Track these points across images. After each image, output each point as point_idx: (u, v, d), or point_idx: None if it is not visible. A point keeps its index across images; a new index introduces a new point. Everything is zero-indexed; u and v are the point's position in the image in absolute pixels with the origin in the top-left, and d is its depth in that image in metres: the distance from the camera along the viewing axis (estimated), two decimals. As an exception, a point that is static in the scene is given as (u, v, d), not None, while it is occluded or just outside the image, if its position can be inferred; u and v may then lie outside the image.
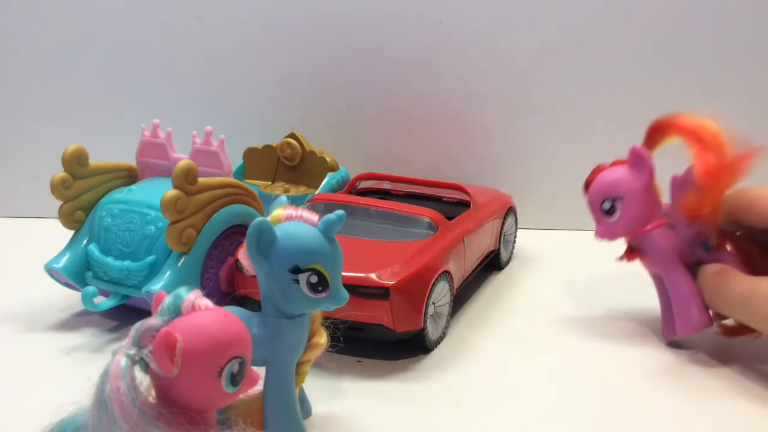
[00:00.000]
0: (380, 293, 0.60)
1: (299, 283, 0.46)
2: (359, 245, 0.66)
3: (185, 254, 0.65)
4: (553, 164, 1.01)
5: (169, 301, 0.40)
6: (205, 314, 0.40)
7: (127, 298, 0.67)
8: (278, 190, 0.92)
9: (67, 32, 0.98)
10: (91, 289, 0.65)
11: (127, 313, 0.70)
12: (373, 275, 0.61)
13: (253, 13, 0.97)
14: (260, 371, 0.45)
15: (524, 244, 0.94)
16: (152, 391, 0.39)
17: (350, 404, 0.57)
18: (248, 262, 0.47)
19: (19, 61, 0.99)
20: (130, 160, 0.75)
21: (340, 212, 0.47)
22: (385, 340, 0.64)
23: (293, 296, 0.47)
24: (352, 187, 0.87)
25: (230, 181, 0.69)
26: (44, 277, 0.70)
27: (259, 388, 0.45)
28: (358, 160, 0.97)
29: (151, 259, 0.65)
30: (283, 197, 0.51)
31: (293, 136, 0.93)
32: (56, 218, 0.70)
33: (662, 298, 0.68)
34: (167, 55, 0.99)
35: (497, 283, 0.84)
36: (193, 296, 0.40)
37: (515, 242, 0.92)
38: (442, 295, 0.67)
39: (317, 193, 0.89)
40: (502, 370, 0.64)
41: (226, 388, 0.39)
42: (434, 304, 0.66)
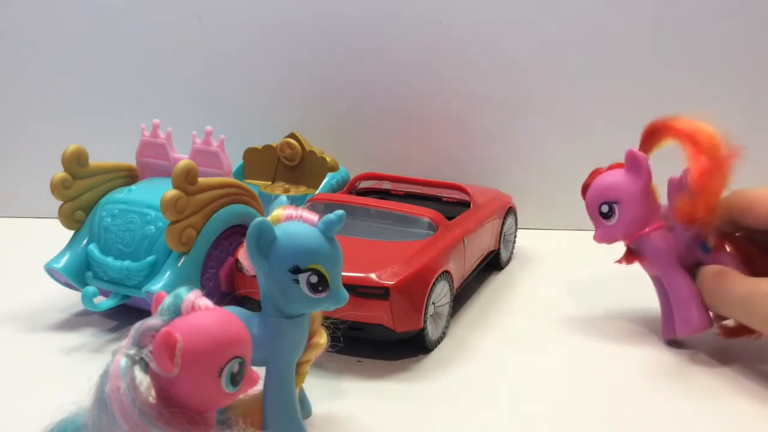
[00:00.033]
0: (380, 293, 0.60)
1: (299, 283, 0.46)
2: (359, 245, 0.66)
3: (185, 254, 0.65)
4: (553, 164, 1.01)
5: (169, 301, 0.40)
6: (205, 314, 0.40)
7: (127, 298, 0.67)
8: (278, 190, 0.92)
9: (67, 32, 0.98)
10: (91, 289, 0.65)
11: (127, 313, 0.70)
12: (373, 275, 0.61)
13: (253, 13, 0.97)
14: (260, 371, 0.45)
15: (524, 244, 0.94)
16: (152, 391, 0.39)
17: (350, 404, 0.57)
18: (248, 262, 0.48)
19: (19, 61, 0.99)
20: (130, 160, 0.75)
21: (340, 212, 0.47)
22: (385, 340, 0.64)
23: (293, 296, 0.47)
24: (352, 187, 0.87)
25: (230, 181, 0.69)
26: (44, 277, 0.70)
27: (259, 388, 0.45)
28: (358, 160, 0.97)
29: (151, 259, 0.65)
30: (283, 197, 0.51)
31: (293, 136, 0.93)
32: (56, 218, 0.70)
33: (662, 299, 0.68)
34: (167, 55, 0.99)
35: (497, 283, 0.84)
36: (193, 296, 0.40)
37: (515, 242, 0.92)
38: (442, 295, 0.67)
39: (317, 193, 0.89)
40: (502, 370, 0.64)
41: (226, 388, 0.39)
42: (434, 304, 0.66)
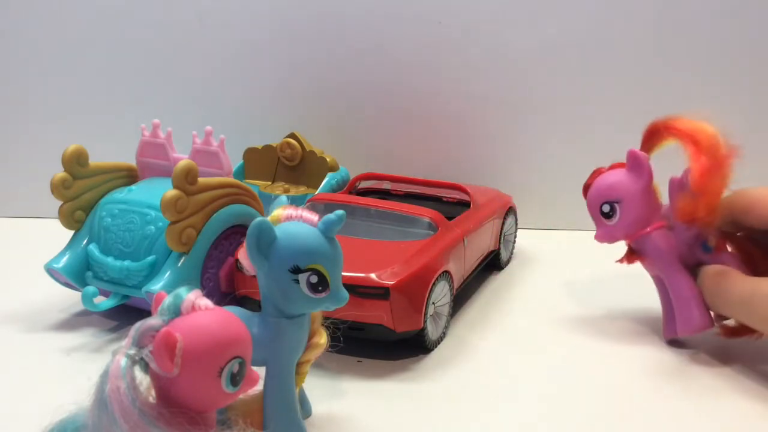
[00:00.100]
0: (380, 293, 0.60)
1: (299, 283, 0.46)
2: (359, 245, 0.66)
3: (185, 254, 0.65)
4: (553, 164, 1.01)
5: (169, 301, 0.40)
6: (205, 314, 0.40)
7: (127, 298, 0.67)
8: (278, 190, 0.92)
9: (67, 32, 0.98)
10: (91, 289, 0.65)
11: (127, 313, 0.70)
12: (373, 275, 0.61)
13: (253, 13, 0.97)
14: (260, 371, 0.44)
15: (524, 244, 0.94)
16: (152, 391, 0.39)
17: (350, 404, 0.57)
18: (248, 262, 0.47)
19: (19, 61, 0.99)
20: (130, 160, 0.75)
21: (340, 212, 0.47)
22: (385, 340, 0.64)
23: (293, 296, 0.47)
24: (352, 187, 0.87)
25: (230, 181, 0.69)
26: (44, 277, 0.70)
27: (259, 388, 0.45)
28: (358, 160, 0.97)
29: (151, 259, 0.65)
30: (283, 197, 0.51)
31: (293, 136, 0.93)
32: (56, 218, 0.70)
33: (663, 298, 0.68)
34: (167, 55, 0.99)
35: (497, 283, 0.84)
36: (193, 296, 0.40)
37: (515, 242, 0.92)
38: (442, 295, 0.67)
39: (317, 193, 0.89)
40: (502, 370, 0.64)
41: (226, 388, 0.39)
42: (434, 304, 0.66)
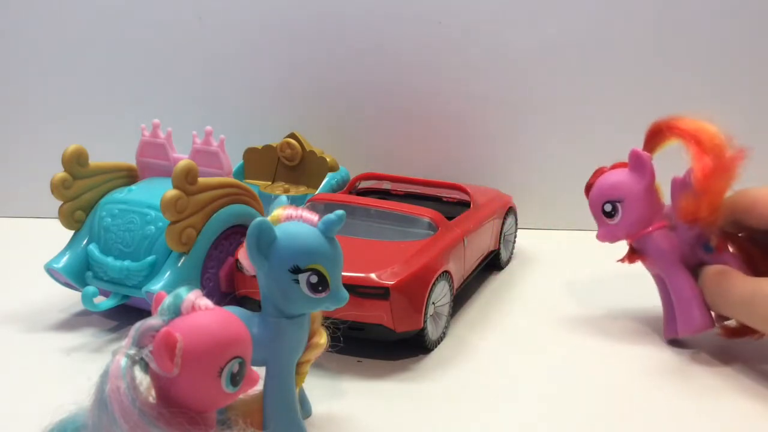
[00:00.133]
0: (380, 293, 0.60)
1: (299, 283, 0.46)
2: (359, 245, 0.66)
3: (185, 254, 0.65)
4: (553, 164, 1.01)
5: (169, 301, 0.40)
6: (205, 314, 0.40)
7: (127, 298, 0.67)
8: (278, 190, 0.92)
9: (67, 32, 0.98)
10: (91, 289, 0.65)
11: (127, 313, 0.70)
12: (373, 275, 0.61)
13: (253, 13, 0.97)
14: (260, 371, 0.44)
15: (524, 244, 0.94)
16: (152, 391, 0.39)
17: (350, 404, 0.57)
18: (248, 262, 0.47)
19: (19, 61, 0.99)
20: (130, 160, 0.75)
21: (340, 212, 0.47)
22: (385, 340, 0.64)
23: (293, 296, 0.47)
24: (352, 187, 0.87)
25: (230, 181, 0.69)
26: (44, 277, 0.70)
27: (259, 388, 0.45)
28: (358, 160, 0.97)
29: (151, 259, 0.65)
30: (283, 197, 0.51)
31: (293, 136, 0.93)
32: (56, 218, 0.70)
33: (664, 298, 0.68)
34: (167, 55, 0.99)
35: (497, 283, 0.84)
36: (193, 296, 0.40)
37: (515, 242, 0.92)
38: (442, 295, 0.67)
39: (317, 193, 0.89)
40: (502, 370, 0.64)
41: (226, 388, 0.39)
42: (434, 304, 0.66)
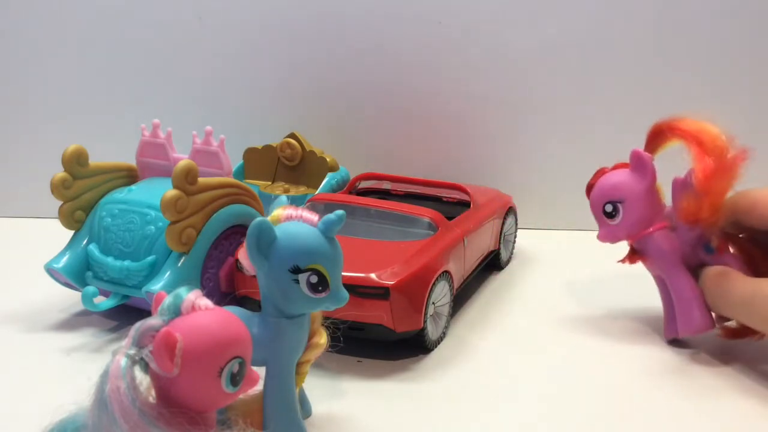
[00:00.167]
0: (380, 293, 0.60)
1: (299, 283, 0.46)
2: (359, 245, 0.66)
3: (185, 254, 0.65)
4: (553, 164, 1.01)
5: (169, 301, 0.40)
6: (205, 314, 0.40)
7: (127, 298, 0.67)
8: (278, 190, 0.92)
9: (67, 32, 0.98)
10: (91, 289, 0.65)
11: (127, 313, 0.70)
12: (373, 275, 0.61)
13: (253, 13, 0.97)
14: (260, 371, 0.44)
15: (524, 244, 0.94)
16: (152, 391, 0.39)
17: (350, 404, 0.57)
18: (248, 262, 0.47)
19: (19, 61, 0.99)
20: (130, 160, 0.75)
21: (340, 212, 0.47)
22: (385, 340, 0.64)
23: (293, 296, 0.47)
24: (352, 187, 0.87)
25: (230, 181, 0.69)
26: (44, 277, 0.70)
27: (259, 388, 0.45)
28: (358, 160, 0.97)
29: (151, 259, 0.65)
30: (283, 197, 0.51)
31: (293, 136, 0.93)
32: (56, 218, 0.70)
33: (665, 299, 0.68)
34: (167, 55, 0.99)
35: (497, 283, 0.84)
36: (193, 296, 0.40)
37: (515, 242, 0.92)
38: (442, 295, 0.67)
39: (317, 193, 0.89)
40: (502, 370, 0.64)
41: (226, 388, 0.39)
42: (434, 304, 0.66)
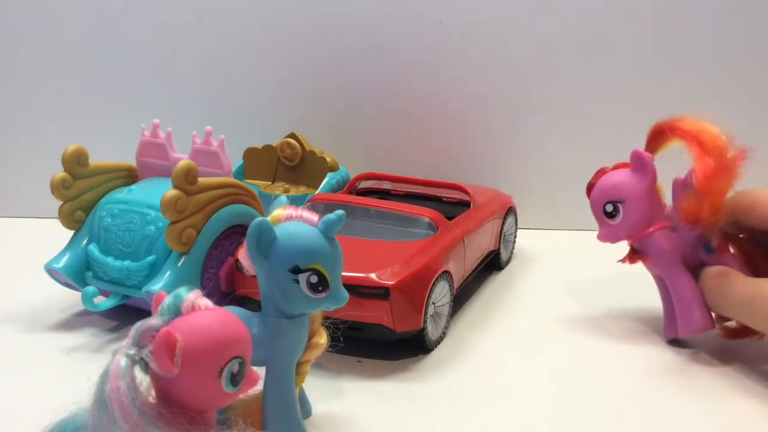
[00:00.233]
0: (380, 293, 0.60)
1: (299, 283, 0.46)
2: (359, 245, 0.66)
3: (185, 254, 0.65)
4: (553, 164, 1.01)
5: (169, 301, 0.40)
6: (205, 314, 0.40)
7: (127, 298, 0.67)
8: (278, 190, 0.92)
9: (67, 32, 0.98)
10: (91, 289, 0.65)
11: (127, 313, 0.70)
12: (373, 275, 0.61)
13: (253, 13, 0.97)
14: (260, 371, 0.44)
15: (524, 244, 0.94)
16: (152, 391, 0.39)
17: (350, 404, 0.57)
18: (248, 262, 0.47)
19: (19, 61, 0.99)
20: (130, 160, 0.75)
21: (340, 212, 0.47)
22: (385, 340, 0.64)
23: (293, 296, 0.47)
24: (352, 187, 0.87)
25: (230, 181, 0.69)
26: (44, 277, 0.70)
27: (259, 388, 0.45)
28: (358, 160, 0.97)
29: (151, 259, 0.65)
30: (283, 197, 0.51)
31: (293, 136, 0.93)
32: (56, 218, 0.70)
33: (665, 298, 0.68)
34: (167, 55, 0.99)
35: (497, 283, 0.84)
36: (193, 296, 0.40)
37: (515, 242, 0.92)
38: (442, 295, 0.67)
39: (317, 193, 0.89)
40: (502, 370, 0.64)
41: (226, 388, 0.39)
42: (434, 304, 0.66)
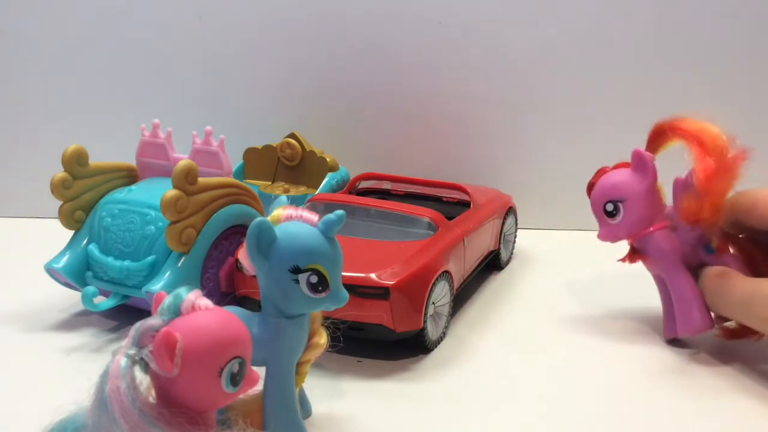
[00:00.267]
0: (380, 293, 0.60)
1: (299, 283, 0.46)
2: (359, 245, 0.66)
3: (185, 254, 0.65)
4: (553, 164, 1.01)
5: (169, 301, 0.40)
6: (205, 314, 0.40)
7: (127, 298, 0.67)
8: (278, 190, 0.92)
9: (67, 32, 0.98)
10: (91, 289, 0.65)
11: (127, 313, 0.70)
12: (373, 275, 0.61)
13: (253, 13, 0.97)
14: (260, 371, 0.45)
15: (524, 244, 0.94)
16: (152, 391, 0.39)
17: (350, 404, 0.57)
18: (248, 262, 0.47)
19: (19, 61, 0.99)
20: (130, 160, 0.75)
21: (340, 212, 0.47)
22: (385, 340, 0.64)
23: (293, 296, 0.47)
24: (352, 187, 0.87)
25: (230, 181, 0.69)
26: (44, 277, 0.70)
27: (259, 388, 0.45)
28: (358, 160, 0.97)
29: (151, 259, 0.65)
30: (283, 197, 0.51)
31: (293, 136, 0.93)
32: (56, 218, 0.70)
33: (664, 298, 0.68)
34: (167, 55, 0.99)
35: (497, 283, 0.84)
36: (193, 296, 0.40)
37: (515, 242, 0.92)
38: (442, 295, 0.67)
39: (317, 193, 0.89)
40: (502, 370, 0.64)
41: (226, 388, 0.39)
42: (434, 304, 0.66)
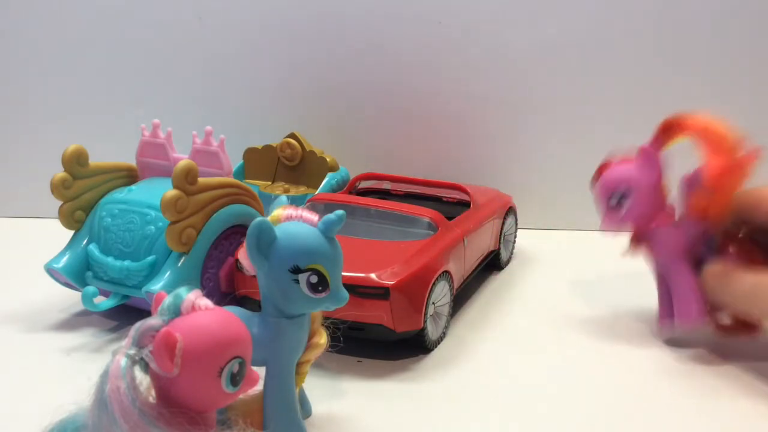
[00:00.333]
0: (380, 293, 0.60)
1: (299, 283, 0.46)
2: (359, 245, 0.66)
3: (185, 254, 0.65)
4: (553, 164, 1.01)
5: (169, 301, 0.40)
6: (205, 314, 0.40)
7: (127, 298, 0.67)
8: (278, 190, 0.92)
9: (67, 32, 0.98)
10: (91, 289, 0.65)
11: (127, 313, 0.70)
12: (373, 275, 0.61)
13: (253, 13, 0.97)
14: (260, 371, 0.45)
15: (524, 244, 0.94)
16: (152, 391, 0.39)
17: (350, 404, 0.57)
18: (248, 262, 0.47)
19: (19, 61, 0.99)
20: (130, 160, 0.75)
21: (340, 212, 0.47)
22: (385, 340, 0.64)
23: (293, 296, 0.47)
24: (352, 187, 0.87)
25: (230, 181, 0.69)
26: (44, 277, 0.70)
27: (259, 388, 0.45)
28: (358, 160, 0.97)
29: (151, 259, 0.65)
30: (283, 197, 0.51)
31: (293, 136, 0.93)
32: (56, 218, 0.70)
33: (660, 287, 0.69)
34: (167, 55, 0.99)
35: (497, 283, 0.84)
36: (193, 296, 0.40)
37: (515, 242, 0.92)
38: (442, 295, 0.67)
39: (317, 193, 0.89)
40: (502, 370, 0.64)
41: (226, 388, 0.39)
42: (434, 304, 0.66)
